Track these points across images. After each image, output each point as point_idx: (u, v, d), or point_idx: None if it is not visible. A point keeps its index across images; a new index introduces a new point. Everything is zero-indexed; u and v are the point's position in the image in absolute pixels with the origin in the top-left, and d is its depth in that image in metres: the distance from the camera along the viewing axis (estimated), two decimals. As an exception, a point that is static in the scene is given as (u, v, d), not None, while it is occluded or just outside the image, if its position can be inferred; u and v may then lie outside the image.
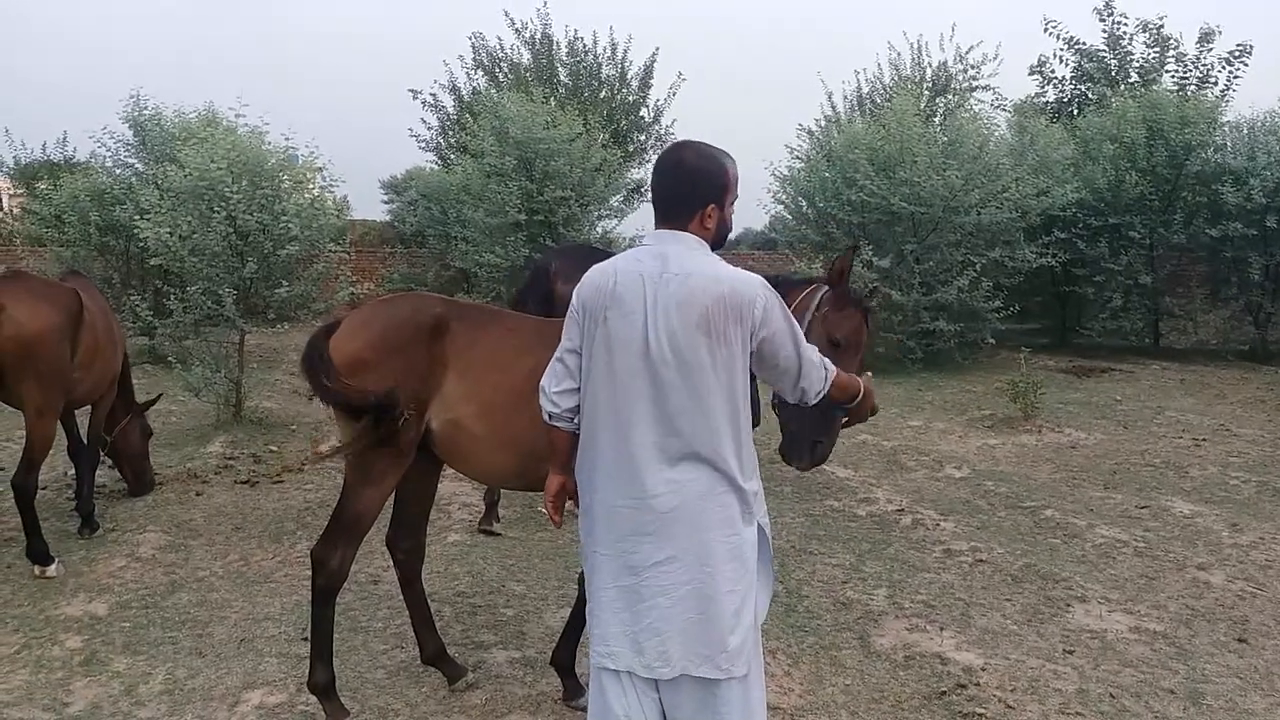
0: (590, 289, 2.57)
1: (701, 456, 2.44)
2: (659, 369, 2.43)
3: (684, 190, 2.52)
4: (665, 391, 2.43)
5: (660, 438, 2.45)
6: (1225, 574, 5.19)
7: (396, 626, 4.39)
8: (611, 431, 2.51)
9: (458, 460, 3.52)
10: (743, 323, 2.41)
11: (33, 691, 3.80)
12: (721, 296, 2.40)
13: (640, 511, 2.47)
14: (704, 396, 2.42)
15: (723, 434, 2.45)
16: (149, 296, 11.06)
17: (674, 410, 2.44)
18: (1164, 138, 13.52)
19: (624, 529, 2.50)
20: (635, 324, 2.45)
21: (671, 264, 2.46)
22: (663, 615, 2.46)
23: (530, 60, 21.16)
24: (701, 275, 2.43)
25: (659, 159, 2.64)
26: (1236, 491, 6.85)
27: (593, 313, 2.54)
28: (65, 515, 6.07)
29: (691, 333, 2.40)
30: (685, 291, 2.41)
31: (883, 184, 12.44)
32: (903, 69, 21.39)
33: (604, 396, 2.52)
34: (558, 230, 13.77)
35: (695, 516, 2.45)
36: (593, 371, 2.55)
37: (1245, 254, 13.19)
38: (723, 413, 2.44)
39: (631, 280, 2.48)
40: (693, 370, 2.41)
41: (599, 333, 2.51)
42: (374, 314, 3.52)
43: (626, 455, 2.48)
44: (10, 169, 20.34)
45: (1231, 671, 4.05)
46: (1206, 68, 17.59)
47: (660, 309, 2.43)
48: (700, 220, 2.52)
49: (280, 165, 9.42)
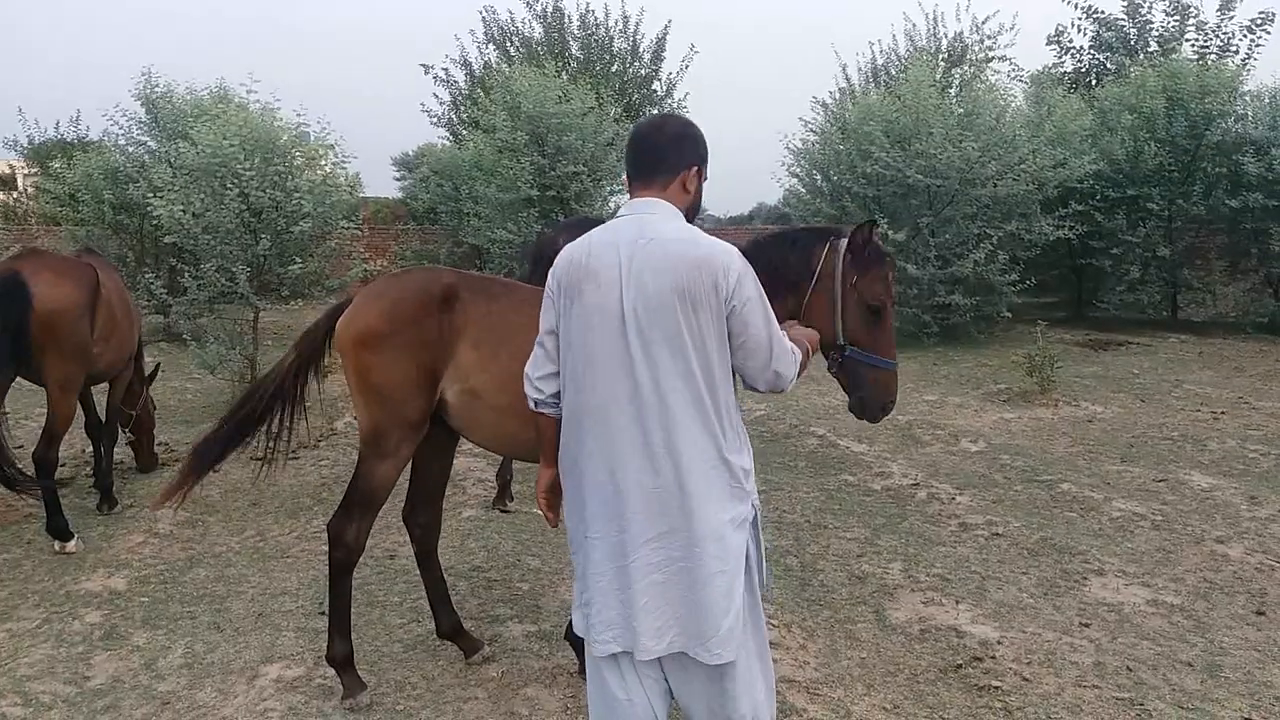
0: (564, 265, 2.50)
1: (685, 429, 2.36)
2: (636, 339, 2.35)
3: (669, 151, 2.50)
4: (644, 363, 2.35)
5: (642, 411, 2.37)
6: (1243, 547, 5.16)
7: (413, 601, 4.41)
8: (593, 410, 2.43)
9: (473, 430, 3.52)
10: (718, 290, 2.33)
11: (54, 665, 3.85)
12: (697, 262, 2.33)
13: (626, 490, 2.40)
14: (683, 366, 2.35)
15: (705, 404, 2.37)
16: (163, 274, 11.10)
17: (654, 381, 2.35)
18: (1184, 107, 13.34)
19: (612, 509, 2.43)
20: (611, 295, 2.38)
21: (647, 230, 2.40)
22: (656, 594, 2.40)
23: (542, 34, 21.04)
24: (678, 241, 2.37)
25: (637, 127, 2.63)
26: (1255, 464, 6.80)
27: (567, 289, 2.47)
28: (84, 491, 6.12)
29: (668, 299, 2.32)
30: (660, 257, 2.35)
31: (898, 156, 12.33)
32: (918, 40, 21.18)
33: (583, 374, 2.45)
34: (570, 206, 13.73)
35: (681, 491, 2.37)
36: (570, 350, 2.48)
37: (1266, 225, 13.03)
38: (703, 382, 2.36)
39: (606, 251, 2.42)
40: (670, 339, 2.34)
41: (575, 309, 2.45)
42: (386, 287, 3.53)
43: (609, 432, 2.41)
44: (24, 148, 20.37)
45: (1249, 644, 4.03)
46: (1227, 36, 17.32)
47: (635, 277, 2.35)
48: (682, 182, 2.50)
49: (292, 142, 9.41)
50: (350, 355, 3.41)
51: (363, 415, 3.45)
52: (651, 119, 2.67)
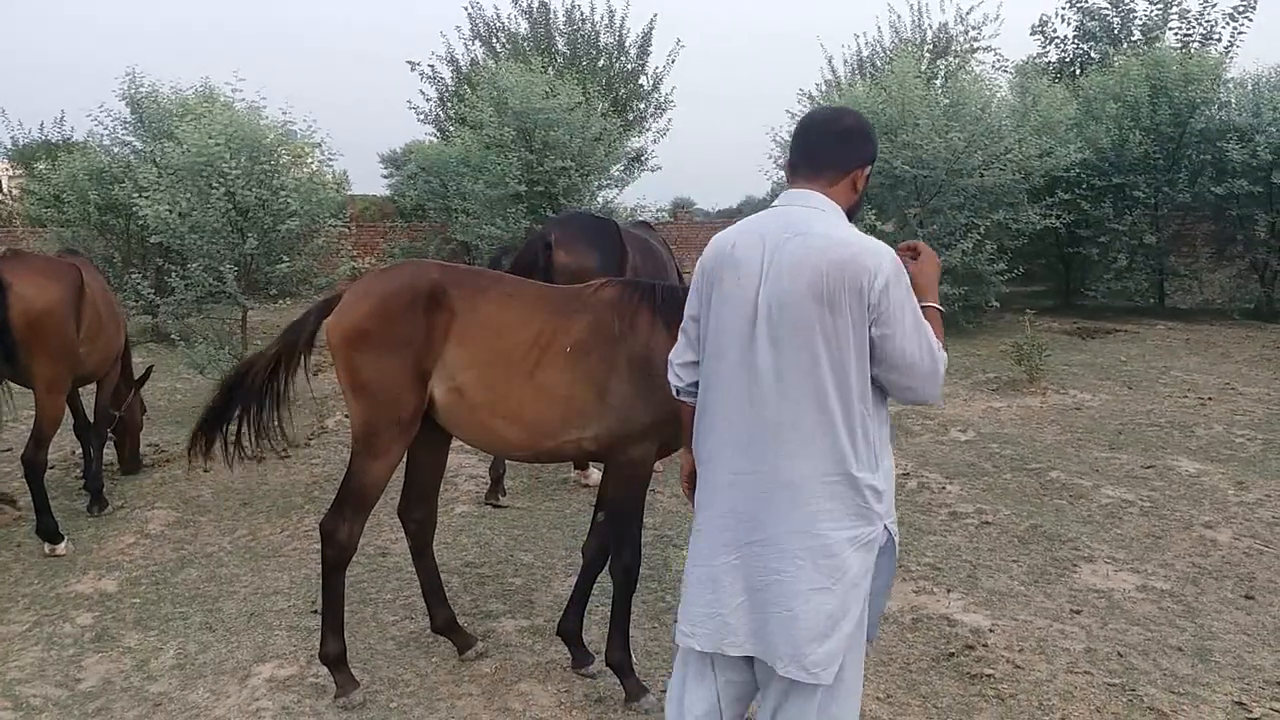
0: (711, 253, 2.45)
1: (801, 436, 2.24)
2: (765, 336, 2.26)
3: (843, 146, 2.38)
4: (769, 361, 2.26)
5: (765, 410, 2.27)
6: (1232, 531, 5.19)
7: (405, 598, 4.41)
8: (717, 402, 2.38)
9: (460, 428, 3.50)
10: (861, 294, 2.17)
11: (45, 668, 3.83)
12: (842, 262, 2.18)
13: (739, 489, 2.32)
14: (812, 369, 2.21)
15: (832, 413, 2.22)
16: (150, 275, 11.05)
17: (776, 382, 2.25)
18: (1168, 96, 13.37)
19: (724, 505, 2.36)
20: (748, 287, 2.30)
21: (794, 224, 2.29)
22: (748, 600, 2.31)
23: (528, 29, 20.99)
24: (823, 237, 2.23)
25: (811, 117, 2.49)
26: (1242, 449, 6.84)
27: (710, 276, 2.42)
28: (74, 493, 6.10)
29: (803, 298, 2.20)
30: (802, 253, 2.23)
31: (885, 147, 12.33)
32: (903, 31, 21.23)
33: (712, 365, 2.40)
34: (558, 201, 13.70)
35: (793, 502, 2.25)
36: (707, 339, 2.43)
37: (1251, 211, 13.08)
38: (833, 390, 2.21)
39: (751, 242, 2.34)
40: (801, 340, 2.22)
41: (714, 297, 2.39)
42: (372, 284, 3.49)
43: (731, 428, 2.34)
44: (9, 150, 20.25)
45: (1239, 628, 4.06)
46: (1210, 24, 17.40)
47: (774, 271, 2.26)
48: (853, 181, 2.39)
49: (278, 140, 9.38)
50: (340, 354, 3.38)
51: (355, 414, 3.43)
52: (827, 109, 2.54)
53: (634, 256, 6.00)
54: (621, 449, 3.38)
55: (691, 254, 23.18)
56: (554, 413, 3.36)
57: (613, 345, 3.36)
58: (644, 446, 3.41)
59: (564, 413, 3.36)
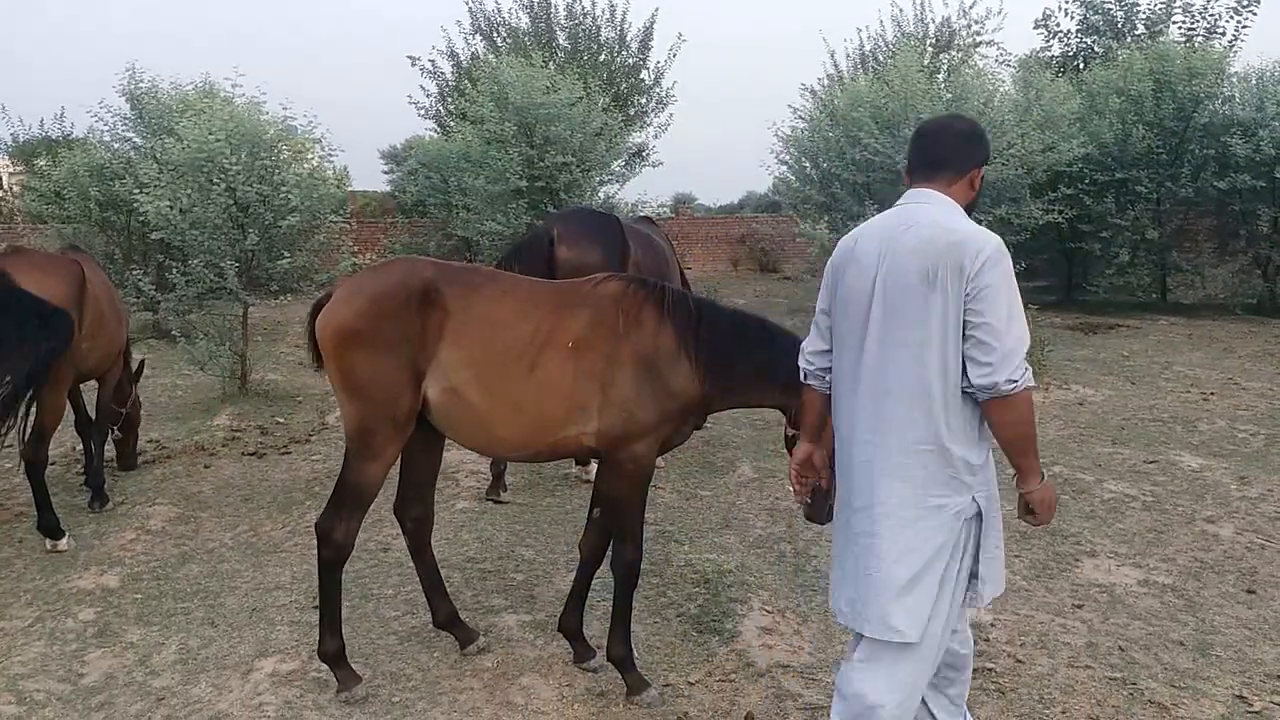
0: (838, 251, 2.71)
1: (896, 407, 2.46)
2: (877, 320, 2.49)
3: (958, 150, 2.62)
4: (877, 342, 2.49)
5: (874, 386, 2.50)
6: (1234, 526, 5.18)
7: (407, 593, 4.41)
8: (848, 383, 2.61)
9: (456, 430, 3.45)
10: (962, 271, 2.37)
11: (48, 663, 3.84)
12: (949, 246, 2.41)
13: (853, 462, 2.58)
14: (914, 345, 2.43)
15: (930, 387, 2.43)
16: (151, 271, 11.02)
17: (880, 359, 2.49)
18: (1171, 90, 13.34)
19: (844, 480, 2.64)
20: (867, 277, 2.53)
21: (909, 219, 2.53)
22: (853, 565, 2.56)
23: (528, 24, 20.91)
24: (934, 226, 2.47)
25: (930, 124, 2.77)
26: (1245, 444, 6.83)
27: (835, 271, 2.69)
28: (75, 489, 6.10)
29: (913, 281, 2.42)
30: (915, 243, 2.45)
31: (887, 142, 12.31)
32: (905, 25, 21.13)
33: (841, 351, 2.65)
34: (559, 196, 13.67)
35: (889, 471, 2.48)
36: (835, 328, 2.69)
37: (1254, 206, 13.06)
38: (935, 368, 2.42)
39: (870, 237, 2.59)
40: (909, 321, 2.44)
41: (840, 290, 2.65)
42: (363, 282, 3.43)
43: (852, 406, 2.58)
44: (9, 146, 20.24)
45: (1240, 622, 4.05)
46: (1214, 17, 17.31)
47: (888, 260, 2.49)
48: (970, 180, 2.63)
49: (279, 136, 9.35)
50: (331, 354, 3.33)
51: (347, 414, 3.40)
52: (941, 117, 2.80)
53: (636, 252, 5.99)
54: (624, 445, 3.37)
55: (694, 249, 23.18)
56: (555, 408, 3.33)
57: (616, 341, 3.34)
58: (647, 442, 3.39)
59: (565, 408, 3.34)
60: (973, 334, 2.38)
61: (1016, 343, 2.37)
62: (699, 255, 23.23)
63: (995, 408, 2.40)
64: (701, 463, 6.48)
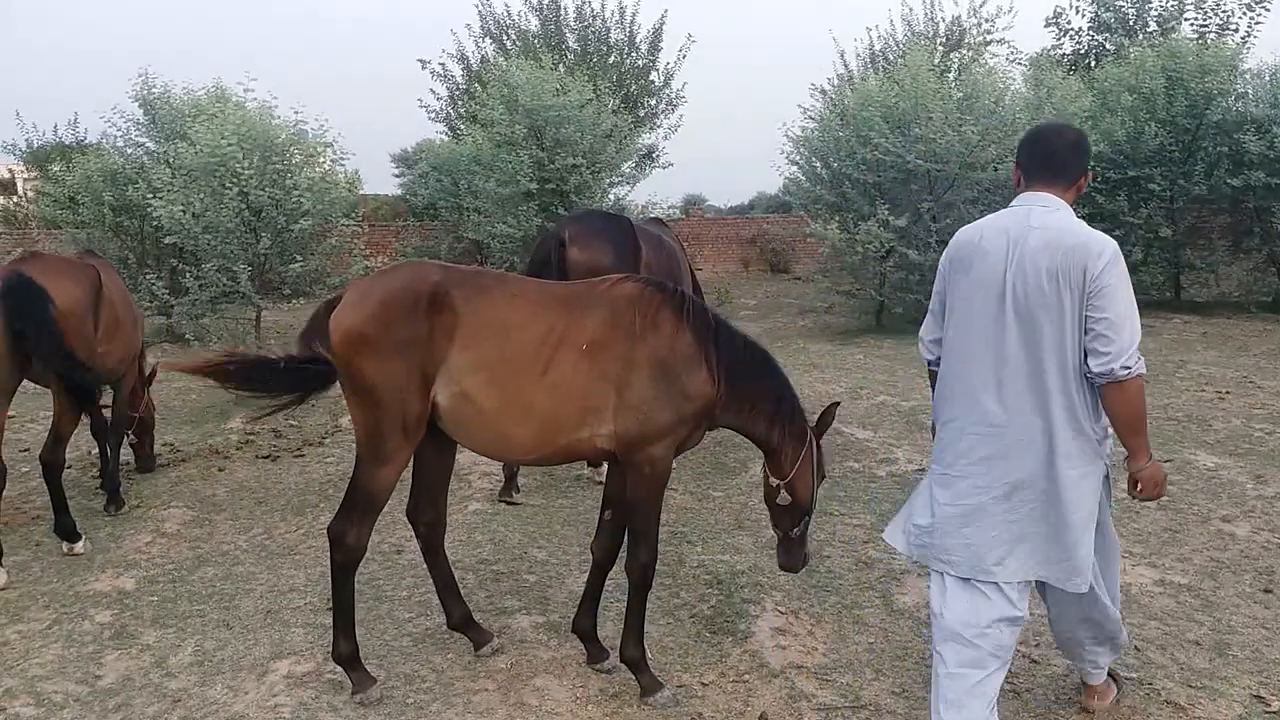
0: (959, 245, 2.99)
1: (1048, 392, 2.79)
2: (1012, 312, 2.80)
3: (1073, 158, 2.94)
4: (1016, 332, 2.80)
5: (1013, 372, 2.82)
6: (1250, 525, 5.15)
7: (421, 595, 4.42)
8: (964, 368, 2.93)
9: (467, 435, 3.43)
10: (1086, 272, 2.71)
11: (65, 665, 3.86)
12: (1074, 248, 2.74)
13: (992, 440, 2.86)
14: (1055, 338, 2.77)
15: (1068, 373, 2.78)
16: (165, 275, 11.10)
17: (1024, 349, 2.80)
18: (1184, 87, 13.26)
19: (977, 454, 2.89)
20: (996, 271, 2.84)
21: (1034, 220, 2.84)
22: (1006, 530, 2.84)
23: (538, 26, 20.98)
24: (1059, 229, 2.80)
25: (1041, 131, 3.07)
26: (1260, 443, 6.78)
27: (957, 264, 2.97)
28: (91, 493, 6.14)
29: (1045, 278, 2.75)
30: (1043, 242, 2.77)
31: (898, 141, 12.29)
32: (916, 24, 21.14)
33: (961, 337, 2.94)
34: (570, 198, 13.70)
35: (1040, 447, 2.80)
36: (953, 315, 2.99)
37: (1268, 203, 12.96)
38: (1070, 353, 2.77)
39: (997, 234, 2.88)
40: (1044, 314, 2.76)
41: (964, 281, 2.93)
42: (371, 287, 3.40)
43: (986, 388, 2.87)
44: (23, 152, 20.37)
45: (1257, 622, 4.03)
46: (1226, 14, 17.26)
47: (1019, 257, 2.80)
48: (1079, 185, 2.96)
49: (290, 140, 9.41)
50: (340, 358, 3.31)
51: (357, 419, 3.39)
52: (1052, 125, 3.14)
53: (647, 253, 5.99)
54: (641, 448, 3.36)
55: (704, 249, 23.17)
56: (568, 411, 3.32)
57: (632, 343, 3.33)
58: (664, 445, 3.39)
59: (578, 411, 3.32)
60: (1094, 327, 2.74)
61: (1132, 335, 2.75)
62: (710, 256, 23.23)
63: (1111, 392, 2.78)
64: (713, 464, 6.48)
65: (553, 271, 5.50)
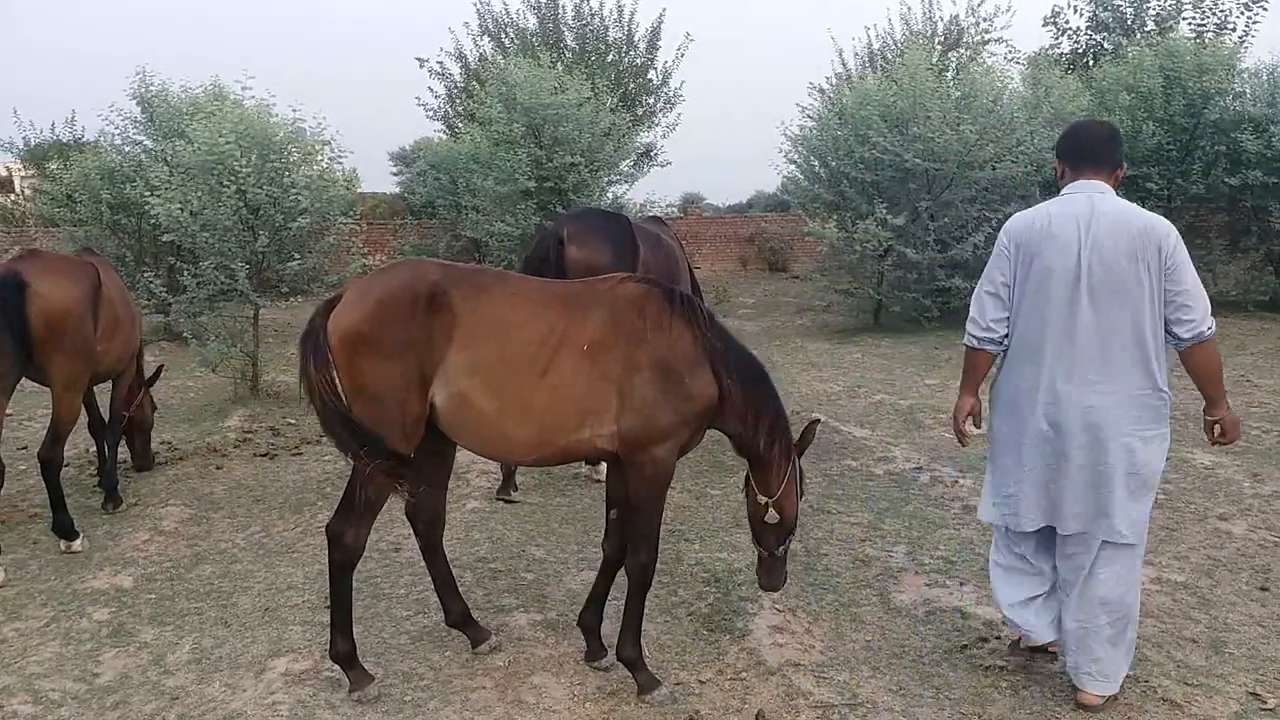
0: (1023, 228, 3.26)
1: (1120, 364, 3.10)
2: (1086, 291, 3.09)
3: (1114, 149, 3.25)
4: (1090, 310, 3.09)
5: (1089, 345, 3.11)
6: (1247, 524, 5.16)
7: (418, 593, 4.43)
8: (1041, 345, 3.19)
9: (466, 436, 3.42)
10: (1160, 251, 3.04)
11: (63, 663, 3.86)
12: (1143, 230, 3.06)
13: (1062, 408, 3.16)
14: (1131, 313, 3.07)
15: (1146, 344, 3.09)
16: (162, 273, 11.08)
17: (1097, 325, 3.09)
18: (1181, 86, 13.27)
19: (1045, 421, 3.21)
20: (1069, 254, 3.11)
21: (1098, 205, 3.13)
22: (1079, 487, 3.19)
23: (536, 25, 20.95)
24: (1125, 212, 3.12)
25: (1079, 127, 3.42)
26: (1257, 442, 6.80)
27: (1026, 248, 3.22)
28: (88, 491, 6.14)
29: (1121, 259, 3.05)
30: (1115, 225, 3.07)
31: (895, 140, 12.30)
32: (914, 24, 21.13)
33: (1034, 317, 3.20)
34: (568, 197, 13.68)
35: (1112, 414, 3.11)
36: (1025, 298, 3.23)
37: (1266, 202, 12.97)
38: (1148, 326, 3.08)
39: (1065, 220, 3.15)
40: (1119, 291, 3.06)
41: (1035, 264, 3.18)
42: (369, 286, 3.37)
43: (1059, 361, 3.16)
44: (21, 150, 20.33)
45: (1254, 620, 4.04)
46: (1224, 13, 17.29)
47: (1092, 240, 3.08)
48: (1115, 175, 3.24)
49: (288, 138, 9.38)
50: (340, 358, 3.27)
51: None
52: (1087, 122, 3.55)
53: (646, 251, 5.99)
54: (643, 449, 3.35)
55: (702, 248, 23.17)
56: (568, 412, 3.31)
57: (635, 344, 3.31)
58: (667, 446, 3.38)
59: (579, 412, 3.31)
60: (1175, 299, 3.08)
61: (1205, 301, 3.11)
62: (708, 254, 23.22)
63: (1197, 351, 3.13)
64: (711, 462, 6.48)
65: (551, 269, 5.50)
